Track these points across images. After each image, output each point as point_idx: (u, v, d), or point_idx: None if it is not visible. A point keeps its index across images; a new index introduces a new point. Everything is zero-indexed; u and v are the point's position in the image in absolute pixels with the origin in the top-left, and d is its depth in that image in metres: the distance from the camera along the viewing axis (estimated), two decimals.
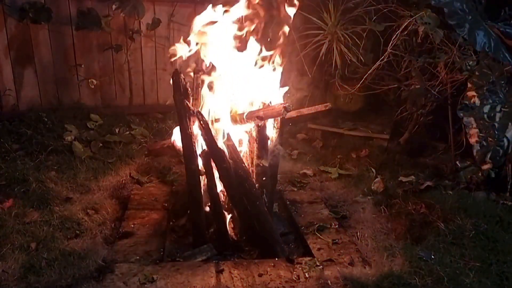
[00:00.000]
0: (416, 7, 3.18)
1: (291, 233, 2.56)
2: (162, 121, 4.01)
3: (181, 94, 2.12)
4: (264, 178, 2.31)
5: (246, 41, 2.34)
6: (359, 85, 3.53)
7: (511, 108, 2.81)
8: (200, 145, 2.25)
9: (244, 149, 2.38)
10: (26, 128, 3.46)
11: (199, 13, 2.32)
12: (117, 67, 4.04)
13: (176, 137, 2.47)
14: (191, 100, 2.19)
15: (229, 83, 2.37)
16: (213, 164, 2.17)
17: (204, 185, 2.28)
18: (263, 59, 2.39)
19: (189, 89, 2.18)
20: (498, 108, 2.80)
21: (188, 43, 2.29)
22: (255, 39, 2.34)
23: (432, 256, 2.20)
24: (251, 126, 2.28)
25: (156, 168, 3.25)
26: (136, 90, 4.18)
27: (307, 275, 2.05)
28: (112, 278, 1.97)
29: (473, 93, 2.83)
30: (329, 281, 2.01)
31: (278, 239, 2.31)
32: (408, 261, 2.16)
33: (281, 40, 2.36)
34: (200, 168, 2.22)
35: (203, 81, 2.33)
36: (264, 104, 2.30)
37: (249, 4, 2.32)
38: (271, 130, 2.37)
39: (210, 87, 2.35)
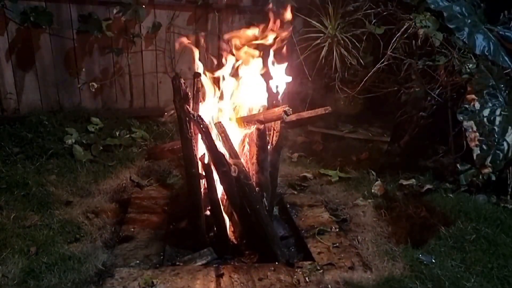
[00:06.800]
0: (415, 10, 3.19)
1: (291, 236, 2.56)
2: (162, 124, 4.01)
3: (181, 98, 2.13)
4: (264, 180, 2.31)
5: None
6: (359, 88, 3.54)
7: (511, 111, 2.81)
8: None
9: (244, 153, 2.38)
10: (27, 132, 3.46)
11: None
12: (117, 70, 4.05)
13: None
14: (191, 104, 2.19)
15: (230, 86, 2.38)
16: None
17: (204, 188, 2.28)
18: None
19: (189, 93, 2.18)
20: (498, 112, 2.79)
21: None
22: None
23: (433, 260, 2.20)
24: (251, 129, 2.28)
25: (157, 172, 3.25)
26: (137, 93, 4.18)
27: (307, 279, 2.04)
28: (112, 283, 1.97)
29: (473, 96, 2.82)
30: (329, 285, 2.01)
31: (278, 243, 2.31)
32: (409, 265, 2.16)
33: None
34: (200, 171, 2.22)
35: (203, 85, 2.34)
36: (265, 107, 2.31)
37: None
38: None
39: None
